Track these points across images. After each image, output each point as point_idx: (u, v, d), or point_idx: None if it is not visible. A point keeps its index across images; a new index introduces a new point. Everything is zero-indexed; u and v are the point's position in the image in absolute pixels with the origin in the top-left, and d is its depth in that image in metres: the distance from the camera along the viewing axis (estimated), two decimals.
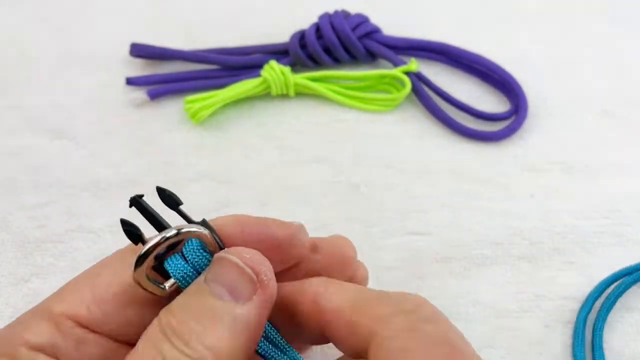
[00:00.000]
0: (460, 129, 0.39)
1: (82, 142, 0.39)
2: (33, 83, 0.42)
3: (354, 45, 0.40)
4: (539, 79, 0.41)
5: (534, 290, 0.34)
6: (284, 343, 0.23)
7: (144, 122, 0.40)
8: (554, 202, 0.36)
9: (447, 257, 0.35)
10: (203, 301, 0.20)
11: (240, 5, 0.46)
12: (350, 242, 0.26)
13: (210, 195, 0.37)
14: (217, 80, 0.41)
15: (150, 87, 0.40)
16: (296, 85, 0.40)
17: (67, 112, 0.40)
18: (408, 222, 0.36)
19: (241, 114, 0.40)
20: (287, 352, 0.23)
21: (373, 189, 0.37)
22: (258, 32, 0.44)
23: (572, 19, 0.44)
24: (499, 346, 0.32)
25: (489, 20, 0.44)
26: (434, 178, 0.37)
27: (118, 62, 0.42)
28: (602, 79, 0.41)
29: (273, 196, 0.37)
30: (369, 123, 0.40)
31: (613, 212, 0.36)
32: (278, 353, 0.22)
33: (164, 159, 0.38)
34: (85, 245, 0.35)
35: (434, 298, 0.33)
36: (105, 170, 0.38)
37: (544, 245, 0.35)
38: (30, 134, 0.39)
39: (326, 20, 0.41)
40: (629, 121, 0.39)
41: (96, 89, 0.41)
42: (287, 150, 0.39)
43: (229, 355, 0.20)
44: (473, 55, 0.41)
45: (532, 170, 0.38)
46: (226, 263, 0.21)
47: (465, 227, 0.35)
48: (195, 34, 0.44)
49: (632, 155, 0.38)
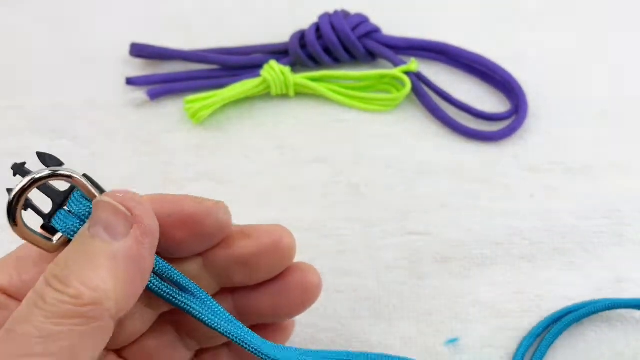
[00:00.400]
0: (461, 129, 0.39)
1: (82, 142, 0.39)
2: (33, 83, 0.42)
3: (354, 45, 0.40)
4: (539, 79, 0.41)
5: (534, 290, 0.34)
6: (178, 275, 0.24)
7: (144, 122, 0.40)
8: (554, 202, 0.36)
9: (447, 257, 0.35)
10: (84, 245, 0.21)
11: (240, 5, 0.46)
12: (289, 234, 0.26)
13: (210, 195, 0.36)
14: (217, 80, 0.41)
15: (150, 87, 0.40)
16: (296, 85, 0.40)
17: (67, 112, 0.40)
18: (408, 222, 0.36)
19: (241, 114, 0.40)
20: (185, 287, 0.24)
21: (373, 189, 0.37)
22: (258, 32, 0.44)
23: (573, 19, 0.44)
24: (499, 346, 0.32)
25: (489, 20, 0.44)
26: (434, 178, 0.37)
27: (118, 62, 0.42)
28: (602, 79, 0.41)
29: (273, 196, 0.37)
30: (369, 123, 0.40)
31: (613, 212, 0.36)
32: (173, 289, 0.23)
33: (164, 158, 0.38)
34: None
35: (434, 298, 0.33)
36: (106, 170, 0.38)
37: (544, 246, 0.35)
38: (30, 134, 0.39)
39: (326, 20, 0.41)
40: (629, 121, 0.39)
41: (96, 89, 0.41)
42: (287, 150, 0.39)
43: (117, 294, 0.20)
44: (473, 55, 0.41)
45: (532, 171, 0.38)
46: (101, 205, 0.22)
47: (465, 227, 0.36)
48: (195, 34, 0.44)
49: (632, 156, 0.38)
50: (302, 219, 0.36)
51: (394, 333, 0.33)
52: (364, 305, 0.33)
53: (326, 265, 0.34)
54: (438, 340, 0.32)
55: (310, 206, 0.36)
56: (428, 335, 0.33)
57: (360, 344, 0.32)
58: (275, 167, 0.38)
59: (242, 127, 0.40)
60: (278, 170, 0.38)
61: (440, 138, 0.39)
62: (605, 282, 0.34)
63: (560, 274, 0.34)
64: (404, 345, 0.32)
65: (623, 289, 0.34)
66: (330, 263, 0.35)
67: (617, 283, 0.34)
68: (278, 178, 0.38)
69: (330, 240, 0.35)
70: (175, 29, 0.44)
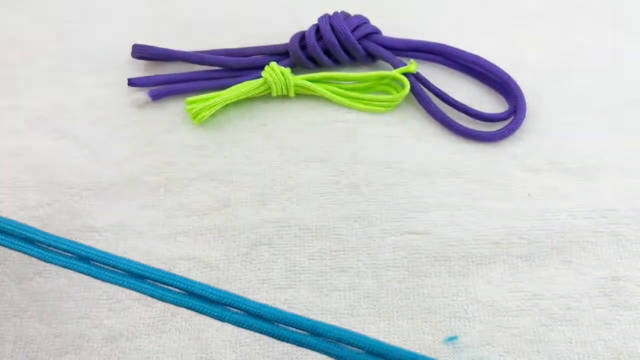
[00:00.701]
0: (459, 129, 0.39)
1: (84, 142, 0.39)
2: (35, 84, 0.42)
3: (354, 47, 0.41)
4: (537, 79, 0.41)
5: (532, 289, 0.34)
6: None
7: (145, 122, 0.40)
8: (552, 202, 0.37)
9: (445, 256, 0.35)
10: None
11: (240, 7, 0.46)
12: None
13: (211, 194, 0.37)
14: (218, 81, 0.41)
15: (151, 88, 0.40)
16: (296, 86, 0.40)
17: (69, 113, 0.40)
18: (407, 221, 0.36)
19: (242, 114, 0.40)
20: None
21: (372, 189, 0.37)
22: (258, 33, 0.44)
23: (571, 20, 0.45)
24: (497, 344, 0.32)
25: (488, 21, 0.45)
26: (433, 178, 0.38)
27: (120, 62, 0.42)
28: (600, 80, 0.42)
29: (273, 196, 0.37)
30: (368, 123, 0.40)
31: (611, 212, 0.36)
32: None
33: (166, 159, 0.38)
34: (88, 244, 0.35)
35: (433, 297, 0.34)
36: (107, 170, 0.38)
37: (542, 245, 0.35)
38: (32, 134, 0.39)
39: (326, 22, 0.41)
40: (627, 122, 0.40)
41: (98, 89, 0.41)
42: (287, 150, 0.39)
43: None
44: (472, 57, 0.41)
45: (530, 170, 0.38)
46: None
47: (464, 227, 0.36)
48: (195, 35, 0.44)
49: (630, 156, 0.38)
50: (302, 219, 0.36)
51: (393, 331, 0.33)
52: (364, 303, 0.34)
53: (326, 265, 0.35)
54: (437, 338, 0.33)
55: (310, 206, 0.37)
56: (427, 333, 0.33)
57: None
58: (275, 167, 0.38)
59: (242, 127, 0.40)
60: (278, 170, 0.38)
61: (439, 138, 0.39)
62: (603, 281, 0.34)
63: (559, 273, 0.34)
64: (403, 344, 0.32)
65: (621, 288, 0.34)
66: (330, 262, 0.35)
67: (614, 282, 0.34)
68: (278, 178, 0.38)
69: (330, 239, 0.36)
70: (176, 29, 0.44)
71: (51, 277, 0.34)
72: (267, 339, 0.32)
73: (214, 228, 0.36)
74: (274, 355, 0.32)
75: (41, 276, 0.34)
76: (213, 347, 0.32)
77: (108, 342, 0.33)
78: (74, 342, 0.32)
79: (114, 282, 0.29)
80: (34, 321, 0.33)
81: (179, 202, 0.37)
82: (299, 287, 0.34)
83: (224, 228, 0.36)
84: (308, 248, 0.35)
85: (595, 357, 0.32)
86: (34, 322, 0.33)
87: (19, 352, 0.32)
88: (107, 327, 0.33)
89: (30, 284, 0.34)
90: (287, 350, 0.32)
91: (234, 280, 0.34)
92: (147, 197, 0.37)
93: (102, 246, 0.35)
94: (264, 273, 0.34)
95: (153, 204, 0.36)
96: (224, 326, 0.33)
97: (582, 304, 0.33)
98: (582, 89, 0.41)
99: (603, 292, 0.34)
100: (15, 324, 0.33)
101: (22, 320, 0.33)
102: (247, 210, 0.37)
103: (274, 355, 0.32)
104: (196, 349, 0.32)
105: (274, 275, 0.34)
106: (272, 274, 0.34)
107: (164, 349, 0.32)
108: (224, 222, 0.36)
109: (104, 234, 0.35)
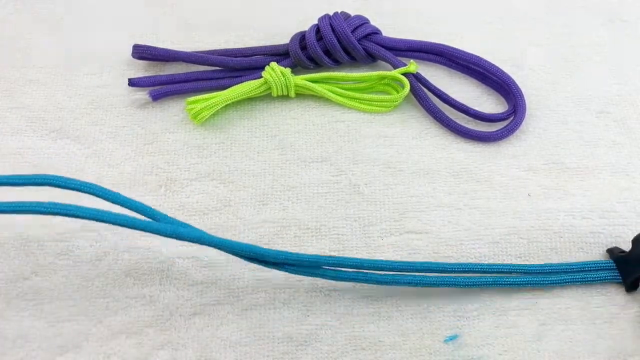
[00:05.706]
0: (459, 129, 0.39)
1: (85, 142, 0.39)
2: (35, 84, 0.42)
3: (354, 47, 0.41)
4: (537, 80, 0.42)
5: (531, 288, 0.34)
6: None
7: (146, 122, 0.40)
8: (551, 202, 0.37)
9: (445, 256, 0.35)
10: None
11: (240, 7, 0.46)
12: None
13: (211, 194, 0.37)
14: (219, 81, 0.41)
15: (152, 88, 0.40)
16: (296, 86, 0.40)
17: (69, 113, 0.40)
18: (407, 221, 0.36)
19: (242, 114, 0.41)
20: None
21: (372, 189, 0.37)
22: (258, 33, 0.44)
23: (570, 20, 0.45)
24: (496, 344, 0.33)
25: (488, 21, 0.45)
26: (433, 178, 0.38)
27: (120, 63, 0.42)
28: (600, 80, 0.42)
29: (273, 196, 0.37)
30: (368, 123, 0.40)
31: (609, 213, 0.36)
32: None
33: (166, 159, 0.38)
34: (88, 244, 0.35)
35: (433, 295, 0.34)
36: (108, 170, 0.38)
37: (541, 245, 0.35)
38: (32, 134, 0.39)
39: (326, 22, 0.41)
40: (626, 122, 0.40)
41: (98, 89, 0.41)
42: (287, 150, 0.39)
43: None
44: (471, 57, 0.41)
45: (529, 171, 0.38)
46: None
47: (463, 227, 0.36)
48: (195, 35, 0.44)
49: (629, 156, 0.39)
50: (302, 219, 0.36)
51: (394, 330, 0.33)
52: (364, 303, 0.34)
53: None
54: (438, 337, 0.33)
55: (310, 206, 0.37)
56: (427, 333, 0.33)
57: (360, 341, 0.33)
58: (275, 167, 0.38)
59: (243, 127, 0.40)
60: (278, 170, 0.38)
61: (438, 138, 0.39)
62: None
63: None
64: (404, 342, 0.33)
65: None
66: None
67: None
68: (278, 178, 0.38)
69: (330, 239, 0.36)
70: (176, 30, 0.44)
71: (48, 277, 0.34)
72: (267, 339, 0.33)
73: (214, 228, 0.36)
74: (274, 355, 0.32)
75: (37, 275, 0.34)
76: (213, 347, 0.32)
77: (107, 340, 0.33)
78: (74, 341, 0.33)
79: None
80: (33, 320, 0.33)
81: (180, 201, 0.37)
82: (298, 287, 0.34)
83: (224, 228, 0.36)
84: (308, 248, 0.35)
85: (595, 356, 0.32)
86: (33, 320, 0.33)
87: (19, 351, 0.32)
88: (107, 326, 0.33)
89: (27, 283, 0.34)
90: (288, 350, 0.32)
91: (234, 280, 0.34)
92: (147, 197, 0.37)
93: (102, 246, 0.35)
94: (264, 273, 0.34)
95: (153, 203, 0.36)
96: (223, 326, 0.33)
97: (581, 304, 0.34)
98: (582, 89, 0.41)
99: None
100: (15, 322, 0.33)
101: (22, 319, 0.33)
102: (247, 210, 0.37)
103: (274, 355, 0.32)
104: (196, 348, 0.32)
105: (274, 275, 0.34)
106: (272, 273, 0.34)
107: (163, 348, 0.32)
108: (224, 222, 0.36)
109: (104, 234, 0.35)
